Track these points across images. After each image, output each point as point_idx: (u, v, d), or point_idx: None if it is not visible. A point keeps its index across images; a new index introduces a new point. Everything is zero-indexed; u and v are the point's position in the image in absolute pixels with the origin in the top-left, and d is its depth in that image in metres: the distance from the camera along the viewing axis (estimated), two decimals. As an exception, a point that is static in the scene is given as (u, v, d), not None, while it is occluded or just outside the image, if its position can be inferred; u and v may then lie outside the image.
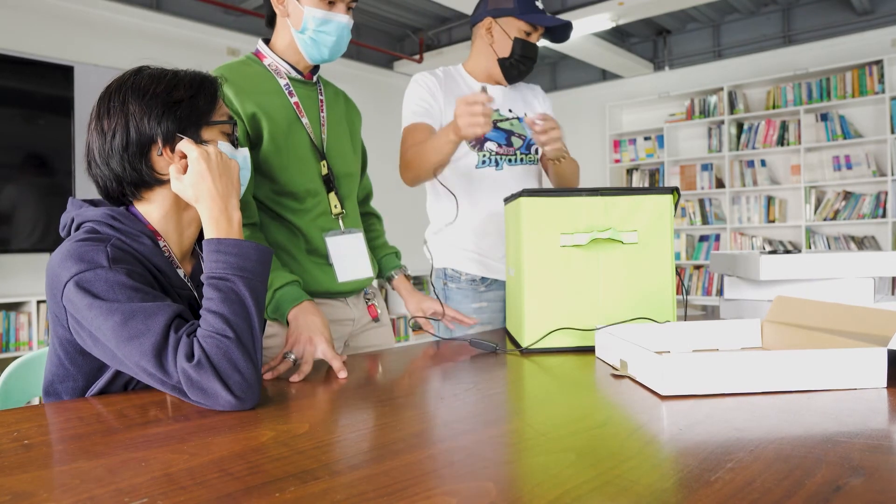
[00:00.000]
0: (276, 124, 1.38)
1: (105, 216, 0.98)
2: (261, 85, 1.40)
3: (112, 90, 1.01)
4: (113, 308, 0.87)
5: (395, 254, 1.67)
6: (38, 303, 3.70)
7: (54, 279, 0.91)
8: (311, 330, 1.20)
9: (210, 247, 0.94)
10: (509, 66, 1.82)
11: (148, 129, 0.98)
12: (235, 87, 1.34)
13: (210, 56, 4.70)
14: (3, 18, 3.80)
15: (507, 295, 1.54)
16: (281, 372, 1.13)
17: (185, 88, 1.01)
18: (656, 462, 0.65)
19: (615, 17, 4.72)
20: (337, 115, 1.54)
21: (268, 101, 1.38)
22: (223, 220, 0.96)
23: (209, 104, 1.04)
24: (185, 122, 1.00)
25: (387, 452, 0.68)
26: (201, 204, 0.97)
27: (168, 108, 0.99)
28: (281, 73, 1.44)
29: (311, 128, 1.44)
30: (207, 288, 0.91)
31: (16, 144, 3.70)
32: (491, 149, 1.81)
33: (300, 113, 1.43)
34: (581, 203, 1.28)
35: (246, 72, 1.40)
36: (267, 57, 1.44)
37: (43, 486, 0.60)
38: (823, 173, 5.15)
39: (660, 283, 1.30)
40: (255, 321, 0.91)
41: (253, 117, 1.35)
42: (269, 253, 0.97)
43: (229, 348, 0.85)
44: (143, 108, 0.98)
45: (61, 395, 0.99)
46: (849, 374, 0.90)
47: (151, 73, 1.02)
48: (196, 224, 1.08)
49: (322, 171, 1.45)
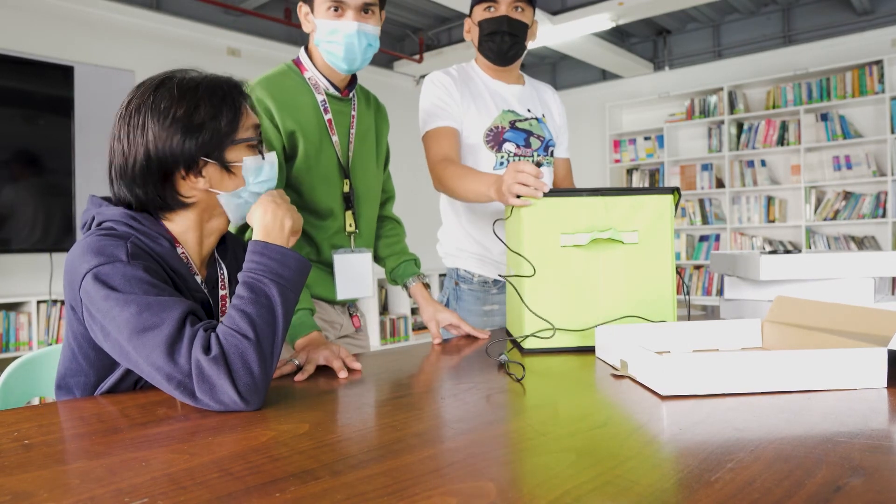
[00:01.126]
0: (310, 142, 1.40)
1: (124, 216, 0.99)
2: (299, 99, 1.41)
3: (132, 108, 0.98)
4: (129, 300, 0.87)
5: (415, 261, 1.66)
6: (38, 303, 3.70)
7: (73, 271, 0.92)
8: (316, 343, 1.24)
9: (255, 247, 0.95)
10: (487, 49, 1.78)
11: (169, 156, 0.96)
12: (277, 103, 1.36)
13: (210, 56, 4.70)
14: (3, 18, 3.80)
15: (507, 295, 1.54)
16: (285, 372, 1.14)
17: (206, 108, 0.98)
18: (656, 462, 0.65)
19: (615, 17, 4.72)
20: (365, 127, 1.55)
21: (304, 118, 1.40)
22: (276, 227, 0.98)
23: (232, 123, 1.00)
24: (207, 147, 0.98)
25: (387, 452, 0.68)
26: (257, 210, 0.99)
27: (189, 132, 0.96)
28: (319, 88, 1.45)
29: (340, 145, 1.46)
30: (241, 286, 0.92)
31: (16, 144, 3.70)
32: (509, 150, 1.78)
33: (331, 131, 1.45)
34: (581, 203, 1.28)
35: (286, 85, 1.42)
36: (308, 70, 1.46)
37: (43, 486, 0.60)
38: (823, 173, 5.15)
39: (660, 283, 1.30)
40: (280, 329, 0.91)
41: (291, 135, 1.38)
42: (308, 266, 0.98)
43: (246, 349, 0.86)
44: (164, 133, 0.96)
45: (73, 389, 1.00)
46: (849, 374, 0.90)
47: (171, 92, 0.97)
48: (217, 233, 1.08)
49: (344, 188, 1.47)
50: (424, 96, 1.78)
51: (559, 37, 5.01)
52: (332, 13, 1.36)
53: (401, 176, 1.80)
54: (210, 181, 1.00)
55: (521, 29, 1.76)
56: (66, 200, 3.85)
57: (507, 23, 1.74)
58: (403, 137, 2.96)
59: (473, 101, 1.77)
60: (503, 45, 1.76)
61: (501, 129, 1.78)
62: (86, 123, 3.90)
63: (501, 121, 1.78)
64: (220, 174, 1.01)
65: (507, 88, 1.84)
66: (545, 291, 1.28)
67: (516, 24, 1.75)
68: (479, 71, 1.86)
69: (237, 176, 1.02)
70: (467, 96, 1.77)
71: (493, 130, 1.77)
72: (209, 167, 1.00)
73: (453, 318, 1.55)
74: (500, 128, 1.77)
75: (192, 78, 1.01)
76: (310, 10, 1.41)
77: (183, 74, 1.01)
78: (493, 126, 1.77)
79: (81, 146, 3.88)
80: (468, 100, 1.77)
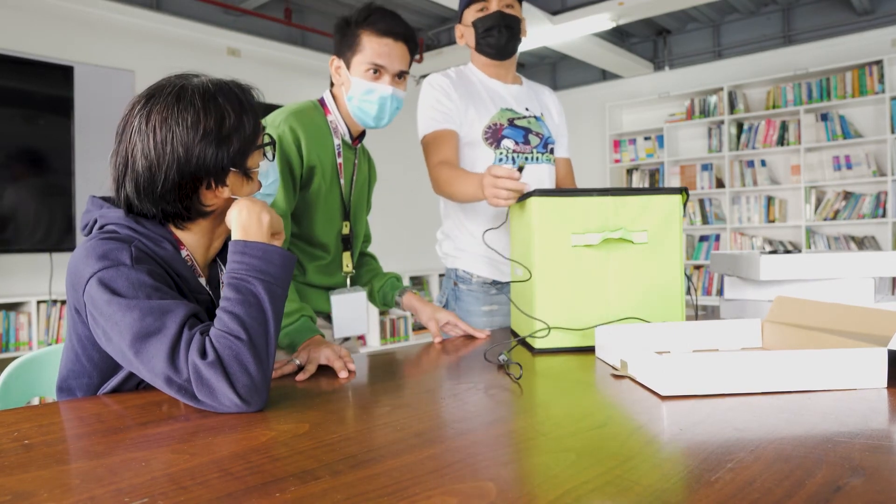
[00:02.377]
0: (324, 180, 1.48)
1: (127, 218, 0.98)
2: (322, 139, 1.49)
3: (155, 123, 0.94)
4: (132, 305, 0.87)
5: (397, 278, 1.71)
6: (38, 303, 3.70)
7: (76, 275, 0.91)
8: (316, 342, 1.25)
9: (235, 247, 0.94)
10: (486, 46, 1.81)
11: (202, 168, 0.95)
12: (307, 136, 1.44)
13: (210, 56, 4.70)
14: (3, 18, 3.79)
15: (512, 294, 1.54)
16: (286, 372, 1.14)
17: (231, 117, 0.97)
18: (656, 462, 0.65)
19: (615, 17, 4.71)
20: (363, 177, 1.64)
21: (325, 156, 1.48)
22: (253, 224, 0.96)
23: (255, 129, 1.00)
24: (236, 156, 0.98)
25: (387, 452, 0.68)
26: (233, 211, 0.98)
27: (221, 144, 0.96)
28: (338, 133, 1.54)
29: (345, 189, 1.56)
30: (227, 288, 0.91)
31: (16, 144, 3.69)
32: (508, 146, 1.79)
33: (340, 174, 1.54)
34: (591, 203, 1.29)
35: (316, 122, 1.49)
36: (331, 114, 1.53)
37: (43, 486, 0.60)
38: (823, 173, 5.15)
39: (669, 282, 1.31)
40: (272, 325, 0.90)
41: (311, 169, 1.45)
42: (293, 259, 0.97)
43: (240, 350, 0.85)
44: (197, 147, 0.94)
45: (75, 391, 1.00)
46: (849, 374, 0.90)
47: (195, 103, 0.95)
48: (223, 236, 1.08)
49: (344, 230, 1.55)
50: (423, 100, 1.80)
51: (559, 37, 5.01)
52: (370, 75, 1.45)
53: (401, 176, 1.81)
54: (232, 188, 1.00)
55: (515, 22, 1.81)
56: (65, 200, 3.85)
57: (502, 17, 1.78)
58: (403, 137, 2.96)
59: (472, 101, 1.79)
60: (501, 39, 1.79)
61: (500, 126, 1.78)
62: (86, 123, 3.90)
63: (500, 118, 1.79)
64: (240, 181, 1.01)
65: (504, 88, 1.86)
66: (556, 291, 1.28)
67: (510, 18, 1.79)
68: (476, 71, 1.87)
69: (254, 181, 1.03)
70: (465, 97, 1.78)
71: (492, 127, 1.78)
72: (232, 175, 1.00)
73: (451, 318, 1.58)
74: (498, 125, 1.78)
75: (205, 85, 0.98)
76: (343, 65, 1.48)
77: (192, 81, 0.98)
78: (491, 123, 1.78)
79: (81, 146, 3.88)
80: (466, 100, 1.78)
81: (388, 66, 1.44)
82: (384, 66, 1.44)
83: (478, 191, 1.48)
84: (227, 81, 1.02)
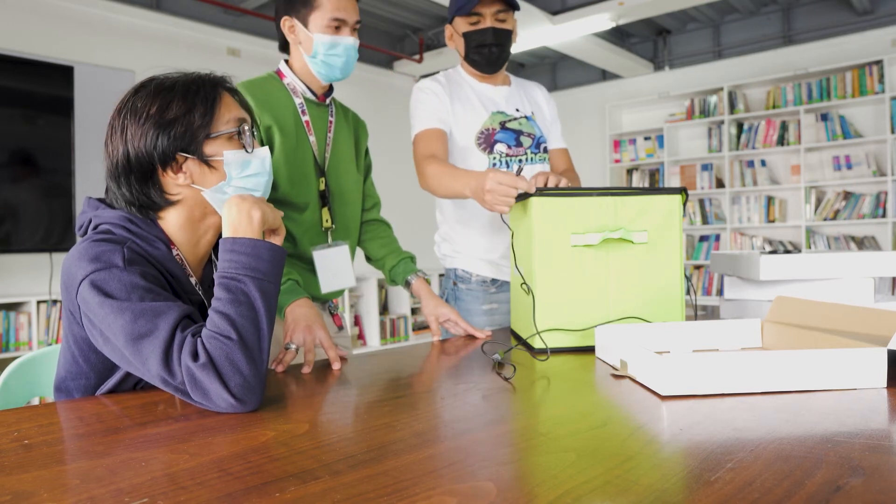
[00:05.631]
0: (287, 138, 1.49)
1: (121, 219, 0.99)
2: (278, 101, 1.52)
3: (116, 110, 1.00)
4: (124, 307, 0.87)
5: (411, 258, 1.69)
6: (38, 303, 3.70)
7: (69, 277, 0.92)
8: (307, 319, 1.29)
9: (224, 245, 0.94)
10: (475, 61, 1.81)
11: (145, 153, 0.97)
12: (256, 101, 1.45)
13: (210, 56, 4.70)
14: (3, 18, 3.79)
15: (512, 294, 1.54)
16: (288, 363, 1.16)
17: (178, 105, 0.98)
18: (656, 462, 0.65)
19: (615, 17, 4.72)
20: (343, 134, 1.64)
21: (282, 116, 1.50)
22: (243, 220, 0.95)
23: (206, 116, 0.99)
24: (180, 141, 0.98)
25: (387, 452, 0.68)
26: (224, 208, 0.97)
27: (161, 128, 0.97)
28: (297, 92, 1.55)
29: (317, 145, 1.56)
30: (218, 287, 0.91)
31: (16, 144, 3.69)
32: (501, 150, 1.79)
33: (308, 131, 1.55)
34: (591, 203, 1.28)
35: (267, 87, 1.52)
36: (286, 77, 1.56)
37: (43, 486, 0.60)
38: (823, 173, 5.15)
39: (669, 283, 1.31)
40: (264, 323, 0.90)
41: (268, 130, 1.47)
42: (283, 253, 0.97)
43: (231, 350, 0.85)
44: (139, 132, 0.97)
45: (72, 392, 1.00)
46: (849, 374, 0.90)
47: (149, 91, 0.99)
48: (214, 232, 1.07)
49: (320, 186, 1.55)
50: (414, 103, 1.81)
51: (559, 37, 5.01)
52: (332, 29, 1.48)
53: (400, 176, 1.81)
54: (191, 177, 1.00)
55: (506, 37, 1.81)
56: (65, 200, 3.85)
57: (493, 34, 1.78)
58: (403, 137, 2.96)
59: (462, 106, 1.80)
60: (491, 56, 1.80)
61: (492, 131, 1.79)
62: (86, 123, 3.90)
63: (491, 122, 1.80)
64: (200, 169, 1.00)
65: (494, 90, 1.86)
66: (556, 291, 1.28)
67: (501, 34, 1.79)
68: (465, 76, 1.88)
69: (218, 170, 1.01)
70: (456, 101, 1.79)
71: (484, 133, 1.79)
72: (189, 162, 0.99)
73: (452, 314, 1.57)
74: (490, 129, 1.79)
75: (172, 77, 1.01)
76: (298, 24, 1.50)
77: (165, 75, 1.02)
78: (483, 128, 1.79)
79: (81, 146, 3.88)
80: (457, 105, 1.79)
81: (347, 18, 1.49)
82: (344, 19, 1.48)
83: (463, 189, 1.49)
84: (203, 74, 1.04)
